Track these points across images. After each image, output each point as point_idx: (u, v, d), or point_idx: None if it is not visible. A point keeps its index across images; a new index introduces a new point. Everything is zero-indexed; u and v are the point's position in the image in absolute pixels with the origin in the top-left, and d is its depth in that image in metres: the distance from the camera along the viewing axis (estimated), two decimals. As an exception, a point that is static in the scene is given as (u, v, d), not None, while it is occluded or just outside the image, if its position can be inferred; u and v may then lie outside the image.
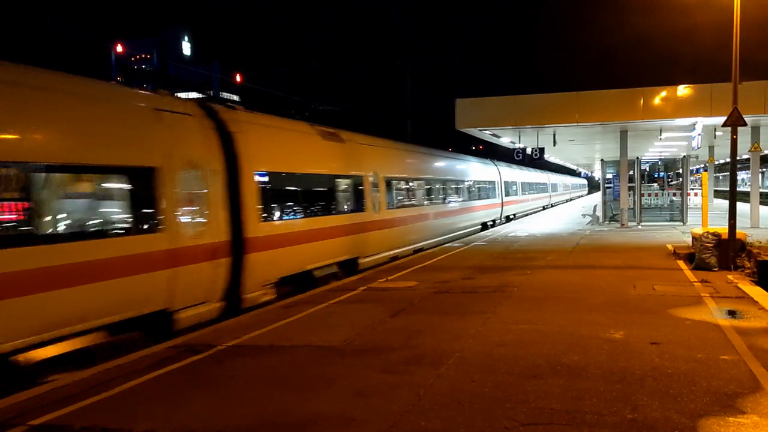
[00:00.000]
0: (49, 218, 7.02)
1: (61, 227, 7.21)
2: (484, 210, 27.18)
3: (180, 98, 10.24)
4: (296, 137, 13.12)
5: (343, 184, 14.29)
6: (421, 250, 18.38)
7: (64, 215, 7.30)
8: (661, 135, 24.57)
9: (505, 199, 31.13)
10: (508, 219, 31.51)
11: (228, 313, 9.69)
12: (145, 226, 8.29)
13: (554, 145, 25.43)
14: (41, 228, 6.86)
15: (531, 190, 39.55)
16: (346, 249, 14.01)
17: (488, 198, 28.04)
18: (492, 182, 28.98)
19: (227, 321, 9.14)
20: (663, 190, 27.92)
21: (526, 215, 35.78)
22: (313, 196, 13.24)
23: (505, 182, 31.22)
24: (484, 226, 27.06)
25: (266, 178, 11.08)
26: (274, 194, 11.39)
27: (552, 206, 47.47)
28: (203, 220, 9.39)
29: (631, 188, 24.22)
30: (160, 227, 8.44)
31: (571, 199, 63.27)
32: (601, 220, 25.95)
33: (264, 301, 10.63)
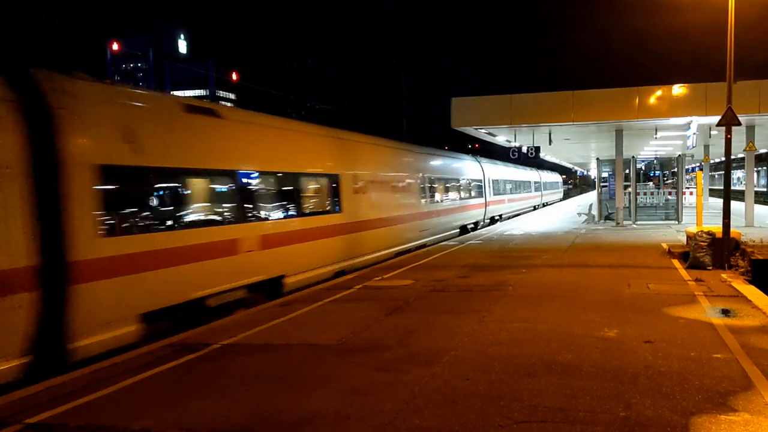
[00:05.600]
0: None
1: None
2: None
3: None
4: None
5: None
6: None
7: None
8: (656, 134, 24.64)
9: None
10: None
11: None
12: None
13: (550, 144, 25.46)
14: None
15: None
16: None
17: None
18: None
19: (222, 320, 9.15)
20: (658, 188, 28.03)
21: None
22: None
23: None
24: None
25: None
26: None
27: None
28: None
29: (626, 187, 24.29)
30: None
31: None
32: (596, 219, 26.02)
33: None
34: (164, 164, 8.88)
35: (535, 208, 43.66)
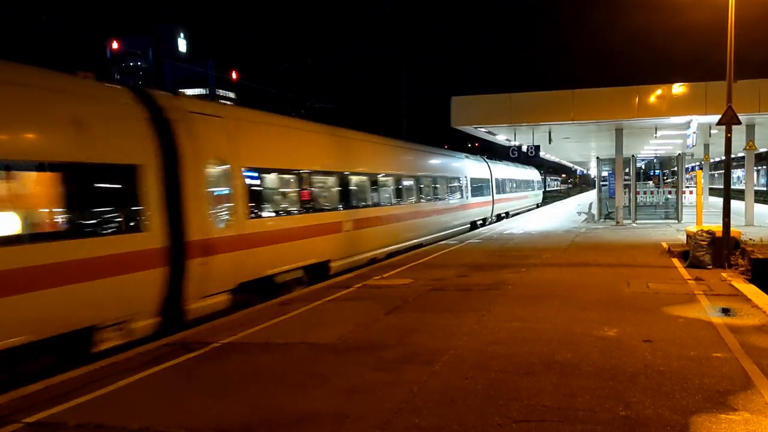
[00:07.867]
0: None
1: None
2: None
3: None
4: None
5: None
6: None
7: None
8: (656, 133, 24.63)
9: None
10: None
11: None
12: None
13: (549, 143, 25.45)
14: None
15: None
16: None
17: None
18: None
19: (222, 319, 9.16)
20: (658, 188, 28.01)
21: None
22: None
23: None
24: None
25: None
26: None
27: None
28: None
29: (626, 186, 24.29)
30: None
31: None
32: (596, 218, 26.03)
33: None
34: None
35: (484, 222, 29.51)
